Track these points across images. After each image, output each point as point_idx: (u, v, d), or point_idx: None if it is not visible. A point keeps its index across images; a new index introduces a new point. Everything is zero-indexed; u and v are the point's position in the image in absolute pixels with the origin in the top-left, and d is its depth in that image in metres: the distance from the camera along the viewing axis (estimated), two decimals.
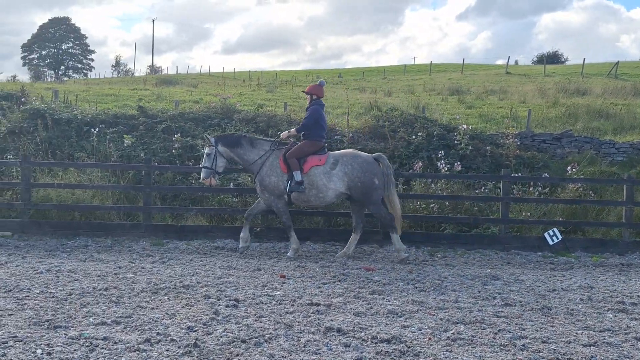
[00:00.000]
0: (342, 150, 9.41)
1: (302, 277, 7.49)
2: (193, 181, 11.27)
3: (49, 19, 77.12)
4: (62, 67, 78.28)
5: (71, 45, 79.01)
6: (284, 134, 9.33)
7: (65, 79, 63.09)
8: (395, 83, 41.95)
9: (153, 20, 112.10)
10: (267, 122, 13.55)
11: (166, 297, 6.26)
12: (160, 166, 10.91)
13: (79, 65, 79.54)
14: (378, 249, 9.90)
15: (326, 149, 9.15)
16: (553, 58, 57.65)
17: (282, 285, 6.99)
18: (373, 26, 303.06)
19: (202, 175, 9.07)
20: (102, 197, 10.66)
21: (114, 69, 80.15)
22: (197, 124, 13.31)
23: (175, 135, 12.15)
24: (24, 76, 60.61)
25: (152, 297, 6.23)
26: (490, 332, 5.45)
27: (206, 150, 9.12)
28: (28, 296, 6.08)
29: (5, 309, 5.57)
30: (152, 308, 5.83)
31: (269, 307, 6.03)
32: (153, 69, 74.12)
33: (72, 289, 6.41)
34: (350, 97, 29.04)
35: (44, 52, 77.41)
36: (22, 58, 78.18)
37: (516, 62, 49.96)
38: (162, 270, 7.61)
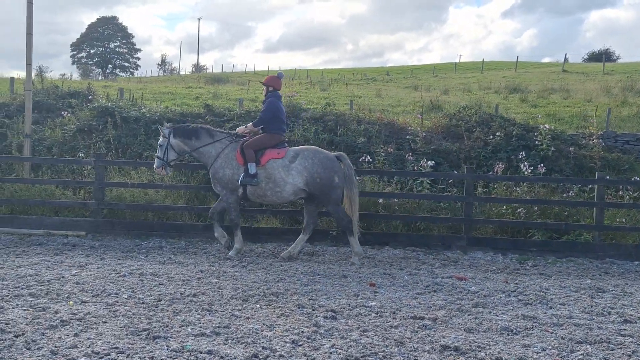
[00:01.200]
0: (302, 146, 9.16)
1: (393, 287, 7.09)
2: None
3: (97, 18, 78.95)
4: (110, 65, 79.95)
5: (118, 44, 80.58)
6: (240, 129, 9.00)
7: (112, 77, 64.37)
8: (448, 81, 41.12)
9: (199, 19, 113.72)
10: (335, 120, 13.20)
11: (258, 306, 5.95)
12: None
13: (126, 64, 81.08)
14: (462, 255, 9.39)
15: (286, 144, 8.88)
16: (604, 56, 55.39)
17: (374, 295, 6.61)
18: (416, 24, 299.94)
19: (154, 165, 8.99)
20: (174, 198, 10.48)
21: (159, 67, 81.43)
22: None
23: None
24: (74, 74, 62.07)
25: (244, 305, 5.94)
26: (622, 353, 4.95)
27: (159, 140, 9.01)
28: (117, 301, 5.87)
29: (98, 315, 5.36)
30: (247, 318, 5.53)
31: (369, 319, 5.65)
32: (198, 67, 74.92)
33: (160, 294, 6.18)
34: (405, 95, 28.59)
35: (92, 51, 79.16)
36: (71, 57, 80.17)
37: (566, 59, 48.11)
38: (245, 275, 7.33)
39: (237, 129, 9.10)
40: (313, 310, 5.88)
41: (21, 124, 12.15)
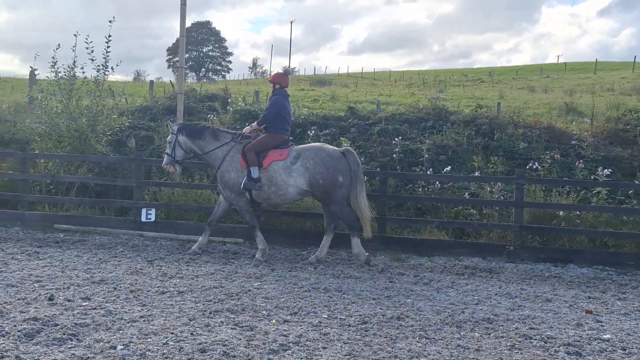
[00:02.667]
0: (307, 144, 8.67)
1: (612, 314, 6.23)
2: (419, 189, 10.37)
3: (192, 23, 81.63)
4: (203, 69, 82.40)
5: (211, 48, 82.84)
6: (246, 129, 8.63)
7: (205, 80, 66.19)
8: (562, 82, 38.93)
9: (291, 22, 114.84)
10: (489, 124, 12.33)
11: (476, 334, 5.30)
12: (401, 173, 10.21)
13: (218, 67, 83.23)
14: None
15: (290, 143, 8.45)
16: None
17: (600, 325, 5.77)
18: (506, 24, 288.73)
19: (164, 161, 8.80)
20: None
21: (250, 70, 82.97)
22: (411, 127, 12.43)
23: (396, 139, 11.32)
24: (169, 78, 64.43)
25: (461, 333, 5.31)
26: None
27: (168, 137, 8.85)
28: (321, 322, 5.40)
29: (312, 339, 4.90)
30: (477, 350, 4.88)
31: (620, 357, 4.84)
32: (286, 70, 75.55)
33: (360, 315, 5.67)
34: (527, 97, 27.03)
35: (186, 55, 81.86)
36: (167, 61, 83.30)
37: None
38: (434, 295, 6.70)
39: (243, 130, 8.74)
40: (545, 342, 5.14)
41: (166, 127, 12.19)
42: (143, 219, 9.79)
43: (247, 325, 5.19)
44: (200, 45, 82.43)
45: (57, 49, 11.24)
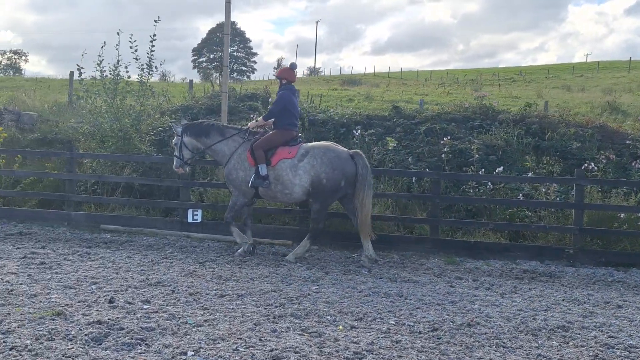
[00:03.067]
0: (317, 142, 8.53)
1: None
2: (470, 190, 10.11)
3: (217, 24, 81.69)
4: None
5: (236, 48, 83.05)
6: (251, 124, 8.58)
7: (230, 80, 66.43)
8: (597, 81, 38.15)
9: (317, 22, 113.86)
10: (539, 123, 12.00)
11: (554, 342, 5.07)
12: (454, 174, 10.01)
13: (243, 68, 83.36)
14: None
15: (300, 140, 8.32)
16: None
17: None
18: (531, 23, 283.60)
19: (174, 164, 8.75)
20: (381, 207, 9.85)
21: (275, 70, 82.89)
22: (458, 126, 12.16)
23: (444, 139, 11.07)
24: (195, 78, 64.62)
25: (538, 342, 5.08)
26: None
27: (174, 140, 8.85)
28: (389, 329, 5.22)
29: (385, 347, 4.71)
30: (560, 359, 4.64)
31: None
32: (314, 70, 75.34)
33: (429, 322, 5.47)
34: (566, 96, 26.47)
35: (211, 56, 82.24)
36: (192, 61, 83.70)
37: None
38: (499, 301, 6.46)
39: (249, 124, 8.68)
40: (629, 352, 4.89)
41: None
42: (189, 219, 9.71)
43: (314, 331, 5.03)
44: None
45: (103, 46, 11.27)
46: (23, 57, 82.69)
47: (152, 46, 11.31)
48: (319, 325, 5.20)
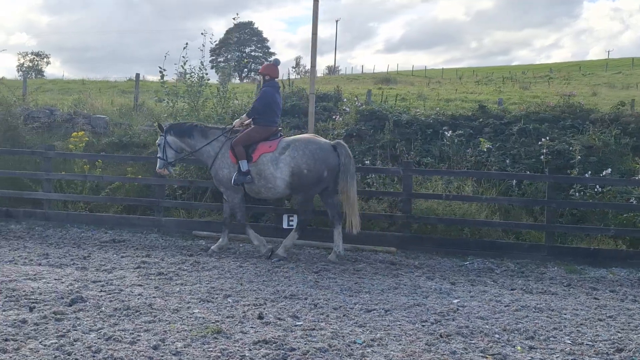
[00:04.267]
0: (299, 135, 8.57)
1: None
2: (576, 194, 9.66)
3: (234, 24, 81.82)
4: (245, 69, 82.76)
5: (253, 48, 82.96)
6: (236, 122, 8.59)
7: (247, 80, 66.22)
8: (638, 78, 37.20)
9: (337, 21, 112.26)
10: (635, 122, 11.48)
11: None
12: (573, 177, 9.65)
13: (260, 67, 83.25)
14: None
15: (280, 134, 8.37)
16: None
17: None
18: (546, 19, 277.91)
19: (157, 166, 8.78)
20: (489, 212, 9.46)
21: (293, 69, 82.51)
22: (551, 126, 11.69)
23: (543, 139, 10.63)
24: (213, 79, 64.53)
25: None
26: None
27: (157, 140, 8.91)
28: (573, 350, 4.83)
29: None
30: None
31: None
32: (333, 69, 74.77)
33: (606, 340, 5.08)
34: (617, 93, 25.70)
35: (229, 56, 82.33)
36: (210, 61, 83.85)
37: None
38: None
39: (233, 123, 8.67)
40: None
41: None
42: (285, 225, 9.38)
43: (496, 352, 4.68)
44: (242, 46, 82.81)
45: (185, 47, 11.05)
46: (45, 59, 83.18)
47: (240, 47, 11.04)
48: (496, 346, 4.85)
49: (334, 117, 12.38)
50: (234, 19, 13.48)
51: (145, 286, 6.34)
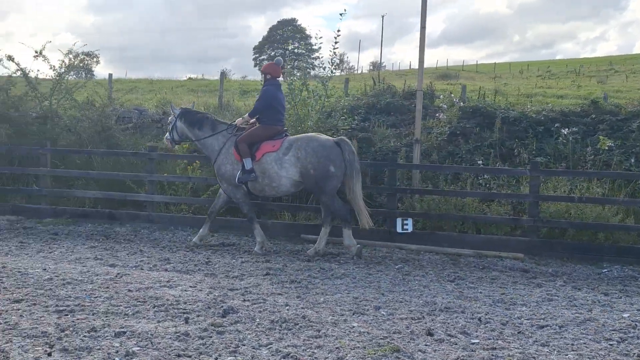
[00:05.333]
0: (301, 134, 8.56)
1: None
2: None
3: (277, 21, 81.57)
4: (288, 66, 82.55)
5: (297, 45, 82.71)
6: (238, 121, 8.63)
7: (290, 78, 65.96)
8: None
9: (382, 16, 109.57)
10: None
11: None
12: None
13: (304, 64, 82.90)
14: None
15: (285, 134, 8.38)
16: None
17: None
18: (592, 11, 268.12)
19: (165, 137, 9.25)
20: (620, 215, 8.83)
21: (337, 66, 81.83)
22: None
23: None
24: (254, 76, 64.41)
25: None
26: None
27: (169, 118, 9.25)
28: None
29: None
30: None
31: None
32: (378, 65, 73.57)
33: None
34: None
35: (272, 53, 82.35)
36: (253, 59, 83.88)
37: None
38: None
39: (236, 121, 8.70)
40: None
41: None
42: (399, 229, 9.04)
43: None
44: (285, 43, 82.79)
45: (287, 49, 10.72)
46: (95, 59, 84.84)
47: (336, 42, 10.71)
48: None
49: (436, 115, 11.90)
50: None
51: (286, 295, 6.05)
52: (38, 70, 12.45)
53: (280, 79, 8.87)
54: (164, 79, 34.56)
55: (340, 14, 10.89)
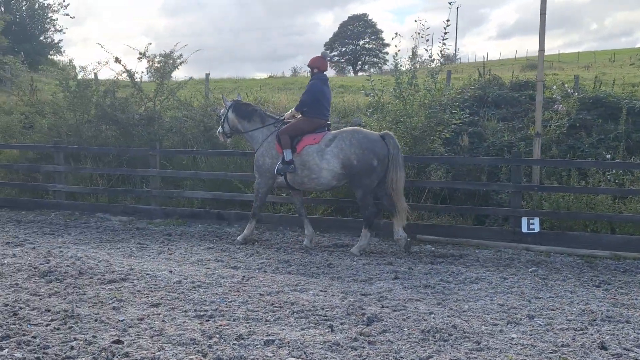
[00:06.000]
0: (344, 128, 8.52)
1: None
2: None
3: (348, 17, 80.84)
4: (359, 62, 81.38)
5: (367, 40, 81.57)
6: (287, 114, 8.64)
7: (362, 73, 64.85)
8: None
9: (457, 8, 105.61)
10: None
11: None
12: None
13: (375, 59, 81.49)
14: None
15: (328, 128, 8.38)
16: None
17: None
18: None
19: (217, 130, 9.33)
20: None
21: (410, 60, 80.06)
22: None
23: None
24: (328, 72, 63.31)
25: None
26: None
27: (221, 110, 9.32)
28: None
29: None
30: None
31: None
32: (453, 57, 71.14)
33: None
34: None
35: (343, 49, 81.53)
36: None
37: None
38: None
39: (285, 115, 8.73)
40: None
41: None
42: (525, 229, 8.50)
43: None
44: (357, 39, 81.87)
45: (394, 37, 10.39)
46: (171, 61, 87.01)
47: (445, 32, 10.24)
48: None
49: (554, 106, 11.20)
50: None
51: (425, 302, 5.71)
52: (142, 72, 12.64)
53: (326, 72, 8.70)
54: (247, 78, 34.93)
55: (450, 2, 10.37)
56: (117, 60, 12.18)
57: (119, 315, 5.01)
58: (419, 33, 10.48)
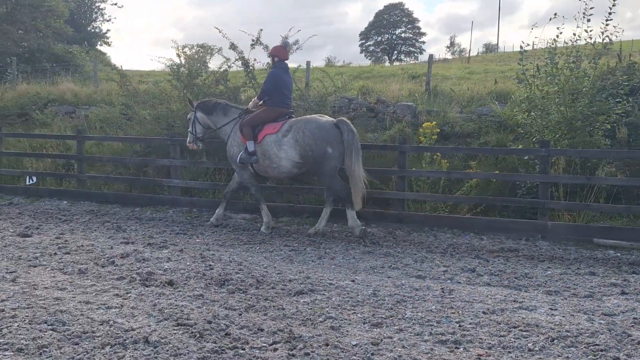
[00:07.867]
0: (300, 117, 8.65)
1: None
2: None
3: (384, 6, 79.41)
4: (395, 51, 79.70)
5: (403, 29, 79.86)
6: (250, 104, 8.89)
7: (397, 63, 63.31)
8: None
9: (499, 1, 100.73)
10: None
11: None
12: None
13: (411, 49, 79.63)
14: None
15: (289, 116, 8.56)
16: None
17: None
18: None
19: (187, 139, 9.38)
20: None
21: (447, 49, 77.51)
22: None
23: None
24: (363, 62, 61.57)
25: None
26: None
27: (189, 114, 9.48)
28: None
29: None
30: None
31: None
32: (491, 47, 68.43)
33: None
34: None
35: (379, 39, 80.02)
36: (359, 45, 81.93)
37: None
38: None
39: (248, 104, 8.97)
40: None
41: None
42: None
43: None
44: (392, 28, 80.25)
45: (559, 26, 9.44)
46: (209, 52, 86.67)
47: (610, 14, 9.28)
48: None
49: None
50: None
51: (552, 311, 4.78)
52: (255, 60, 11.90)
53: (287, 61, 8.80)
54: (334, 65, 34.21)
55: None
56: (232, 46, 11.48)
57: (345, 338, 4.30)
58: (583, 13, 9.50)
